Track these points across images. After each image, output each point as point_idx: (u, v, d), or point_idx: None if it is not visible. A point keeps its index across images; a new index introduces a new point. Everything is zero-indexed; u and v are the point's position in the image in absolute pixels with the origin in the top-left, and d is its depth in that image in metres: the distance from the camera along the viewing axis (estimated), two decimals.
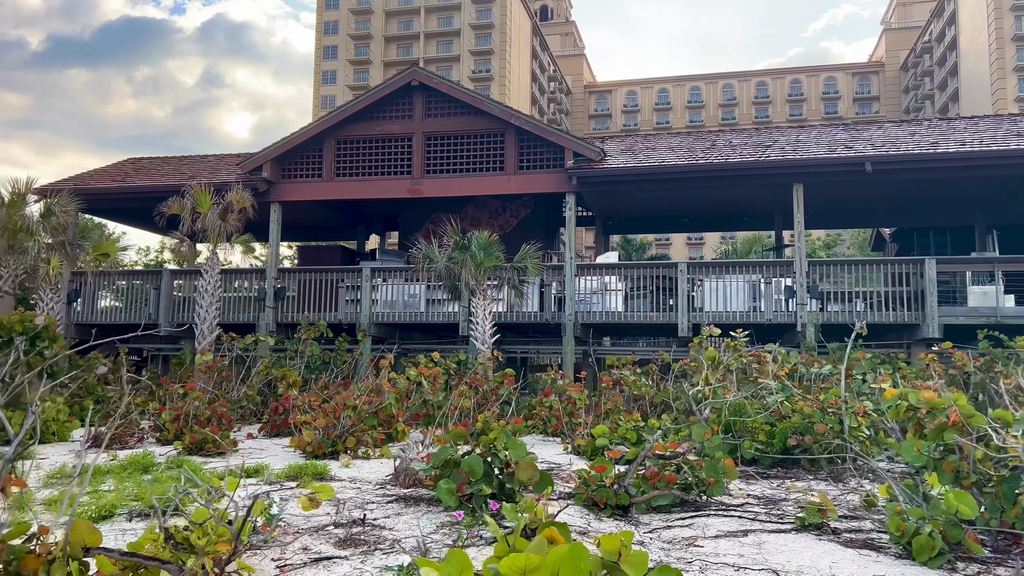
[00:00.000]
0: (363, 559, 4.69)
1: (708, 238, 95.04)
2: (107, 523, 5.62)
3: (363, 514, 5.73)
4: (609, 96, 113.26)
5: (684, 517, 5.76)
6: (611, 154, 17.77)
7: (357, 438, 9.29)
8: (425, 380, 10.90)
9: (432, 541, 5.07)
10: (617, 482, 6.04)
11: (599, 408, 10.52)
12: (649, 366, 12.77)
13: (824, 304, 16.17)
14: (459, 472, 6.02)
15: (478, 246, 14.75)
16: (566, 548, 3.18)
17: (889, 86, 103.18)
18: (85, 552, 3.73)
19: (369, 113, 18.58)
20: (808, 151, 16.38)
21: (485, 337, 14.73)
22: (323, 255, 22.54)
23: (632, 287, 17.20)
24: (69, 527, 3.62)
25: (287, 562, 4.69)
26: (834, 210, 19.89)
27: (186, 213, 15.67)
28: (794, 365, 11.37)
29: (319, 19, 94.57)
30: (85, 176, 20.69)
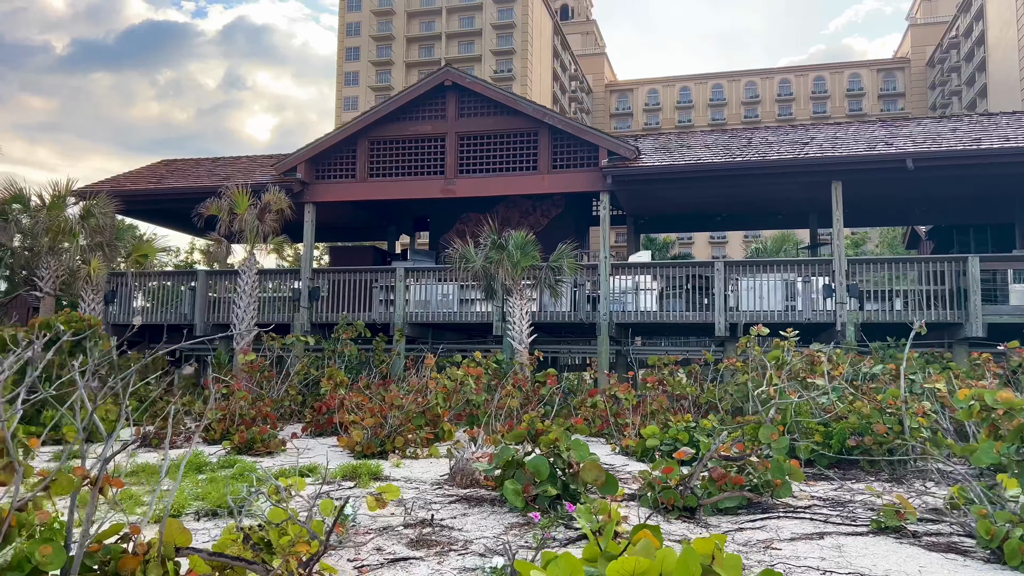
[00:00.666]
0: (439, 560, 4.66)
1: (731, 237, 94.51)
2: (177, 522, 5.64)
3: (430, 514, 5.71)
4: (630, 95, 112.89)
5: (753, 519, 5.69)
6: (645, 152, 17.66)
7: (405, 438, 9.28)
8: (472, 380, 10.88)
9: (504, 542, 5.03)
10: (682, 483, 5.98)
11: (642, 408, 10.44)
12: (691, 366, 12.66)
13: (862, 303, 15.98)
14: (523, 473, 5.99)
15: (515, 245, 14.71)
16: (679, 552, 3.13)
17: (915, 82, 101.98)
18: (176, 552, 3.74)
19: (402, 114, 18.61)
20: (847, 148, 16.18)
21: (522, 337, 14.69)
22: (355, 255, 22.61)
23: (666, 286, 17.10)
24: (163, 527, 3.62)
25: (363, 562, 4.68)
26: (870, 208, 19.64)
27: (223, 214, 15.78)
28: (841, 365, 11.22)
29: (341, 21, 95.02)
30: (120, 178, 20.90)
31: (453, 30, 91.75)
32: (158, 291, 19.66)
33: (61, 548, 3.39)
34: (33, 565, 3.30)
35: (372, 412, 9.73)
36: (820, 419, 8.12)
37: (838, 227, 16.00)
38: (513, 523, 5.55)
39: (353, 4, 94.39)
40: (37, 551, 3.28)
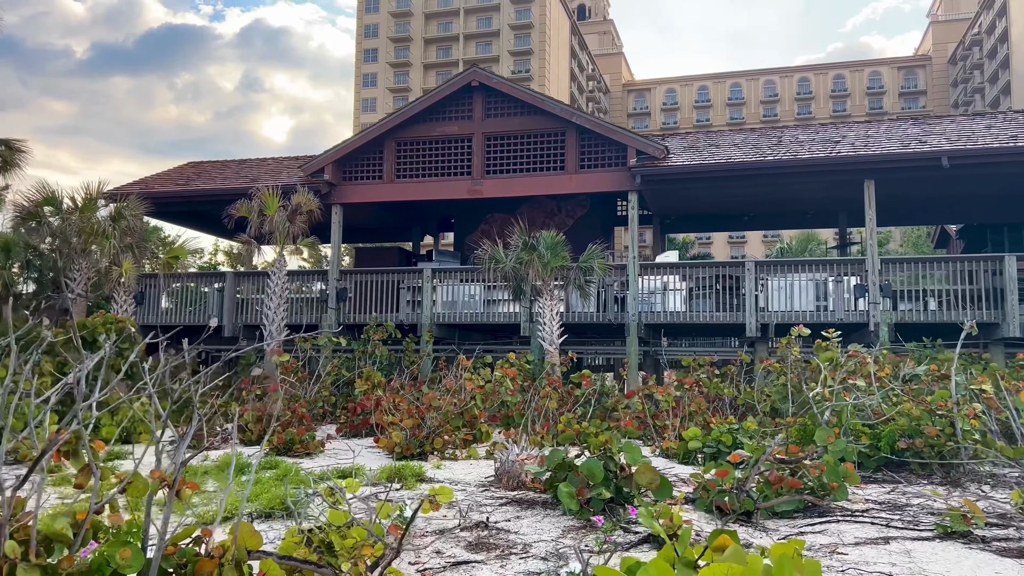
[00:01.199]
0: (501, 564, 4.62)
1: (750, 237, 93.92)
2: (229, 524, 5.63)
3: (485, 517, 5.67)
4: (648, 94, 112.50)
5: (812, 523, 5.60)
6: (674, 151, 17.55)
7: (444, 439, 9.25)
8: (510, 381, 10.83)
9: (563, 546, 4.98)
10: (736, 487, 5.90)
11: (681, 410, 10.34)
12: (728, 367, 12.54)
13: (895, 303, 15.79)
14: (575, 475, 5.93)
15: (545, 246, 14.66)
16: (776, 558, 3.06)
17: (937, 80, 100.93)
18: (247, 555, 3.71)
19: (428, 115, 18.59)
20: (880, 146, 15.99)
21: (553, 338, 14.63)
22: (380, 256, 22.63)
23: (694, 287, 16.98)
24: (237, 530, 3.60)
25: (425, 565, 4.64)
26: (901, 207, 19.42)
27: (253, 215, 15.80)
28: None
29: (359, 23, 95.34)
30: (148, 180, 21.03)
31: (471, 31, 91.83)
32: (182, 292, 19.76)
33: (139, 551, 3.37)
34: (113, 568, 3.29)
35: (410, 413, 9.70)
36: (866, 421, 8.01)
37: (871, 226, 15.81)
38: (569, 526, 5.50)
39: (371, 6, 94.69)
40: (117, 554, 3.27)
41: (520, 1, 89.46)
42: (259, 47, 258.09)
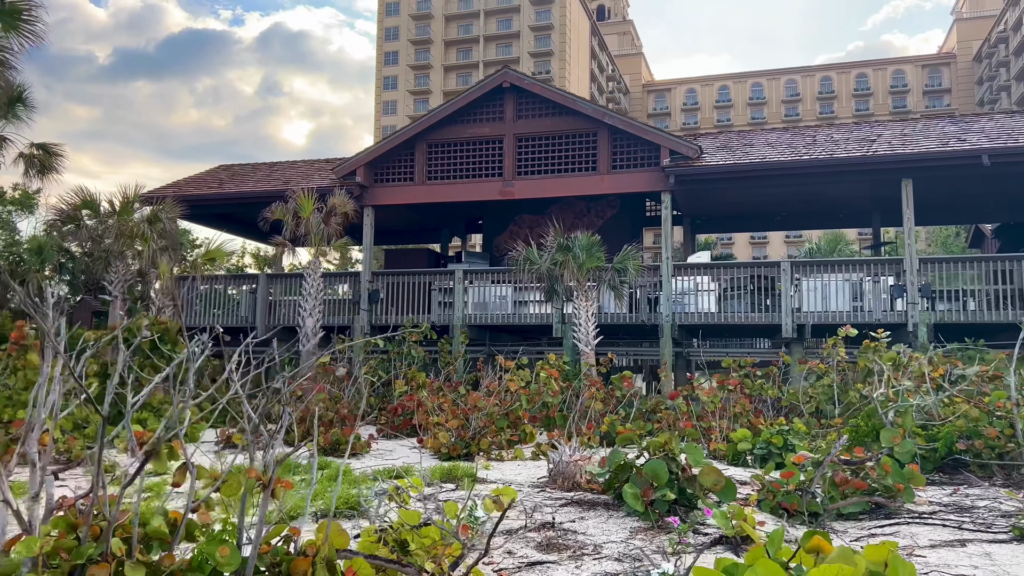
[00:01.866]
0: (576, 564, 4.60)
1: (772, 237, 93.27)
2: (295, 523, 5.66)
3: (552, 518, 5.66)
4: (668, 95, 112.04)
5: (881, 525, 5.54)
6: (707, 151, 17.46)
7: (490, 440, 9.25)
8: (554, 381, 10.82)
9: (634, 547, 4.96)
10: (801, 488, 5.85)
11: (726, 411, 10.27)
12: (770, 368, 12.45)
13: (932, 303, 15.61)
14: (638, 476, 5.90)
15: (580, 247, 14.63)
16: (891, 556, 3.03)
17: (962, 78, 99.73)
18: (336, 553, 3.73)
19: (460, 116, 18.63)
20: (918, 145, 15.82)
21: (589, 339, 14.59)
22: (409, 258, 22.69)
23: (728, 287, 16.88)
24: (328, 529, 3.62)
25: (499, 566, 4.64)
26: (937, 206, 19.20)
27: (288, 217, 15.90)
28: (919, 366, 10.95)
29: (380, 26, 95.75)
30: (181, 183, 21.23)
31: (491, 32, 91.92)
32: (210, 293, 19.89)
33: (235, 549, 3.39)
34: (212, 566, 3.31)
35: (454, 414, 9.71)
36: (922, 422, 7.91)
37: (909, 226, 15.66)
38: (636, 528, 5.48)
39: (391, 9, 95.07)
40: (217, 552, 3.29)
41: (540, 2, 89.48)
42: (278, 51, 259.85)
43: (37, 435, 3.28)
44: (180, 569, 3.28)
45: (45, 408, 3.34)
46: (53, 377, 3.43)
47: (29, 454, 3.25)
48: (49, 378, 3.40)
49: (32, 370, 10.36)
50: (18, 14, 10.98)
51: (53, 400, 3.45)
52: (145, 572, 3.13)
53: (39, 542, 2.91)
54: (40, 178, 18.80)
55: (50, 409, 3.41)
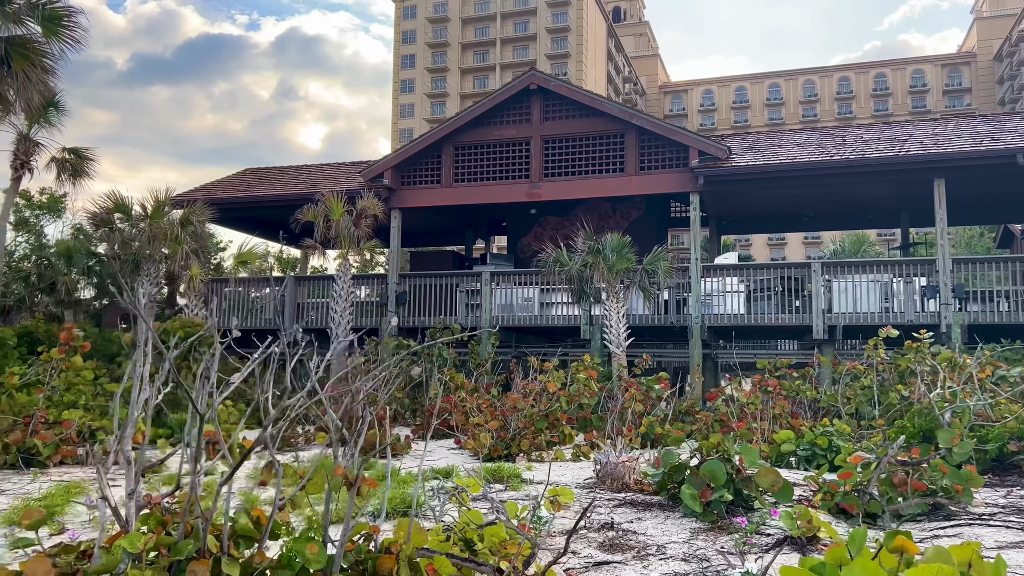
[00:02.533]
0: (643, 564, 4.61)
1: (790, 239, 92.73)
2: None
3: (610, 518, 5.67)
4: (684, 96, 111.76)
5: (942, 526, 5.50)
6: (735, 151, 17.41)
7: (530, 441, 9.27)
8: (593, 383, 10.83)
9: (697, 548, 4.96)
10: (857, 489, 5.82)
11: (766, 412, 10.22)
12: (806, 369, 12.39)
13: (963, 304, 15.49)
14: (694, 478, 5.90)
15: (611, 249, 14.63)
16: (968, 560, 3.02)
17: (982, 77, 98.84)
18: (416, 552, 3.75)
19: (486, 119, 18.67)
20: (950, 144, 15.70)
21: (620, 340, 14.58)
22: (434, 260, 22.77)
23: (756, 288, 16.81)
24: (411, 528, 3.65)
25: (566, 565, 4.65)
26: (968, 206, 19.02)
27: (319, 220, 16.01)
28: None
29: (397, 29, 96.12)
30: (209, 187, 21.40)
31: (508, 35, 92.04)
32: (233, 295, 20.01)
33: (323, 547, 3.42)
34: (300, 564, 3.34)
35: (493, 415, 9.74)
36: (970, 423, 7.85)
37: (941, 226, 15.55)
38: (695, 528, 5.47)
39: (408, 12, 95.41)
40: (306, 549, 3.32)
41: (557, 5, 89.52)
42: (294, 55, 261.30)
43: (131, 434, 3.33)
44: (271, 566, 3.31)
45: (137, 407, 3.39)
46: (145, 377, 3.48)
47: (124, 452, 3.29)
48: (140, 378, 3.45)
49: (74, 372, 10.48)
50: (58, 20, 11.13)
51: (147, 399, 3.50)
52: (240, 569, 3.17)
53: (143, 539, 2.95)
54: (72, 182, 19.02)
55: (141, 409, 3.46)
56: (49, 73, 11.53)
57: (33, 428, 8.20)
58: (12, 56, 10.47)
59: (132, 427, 3.34)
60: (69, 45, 11.43)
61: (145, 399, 3.47)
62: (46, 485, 7.17)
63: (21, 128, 18.35)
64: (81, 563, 3.11)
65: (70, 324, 10.44)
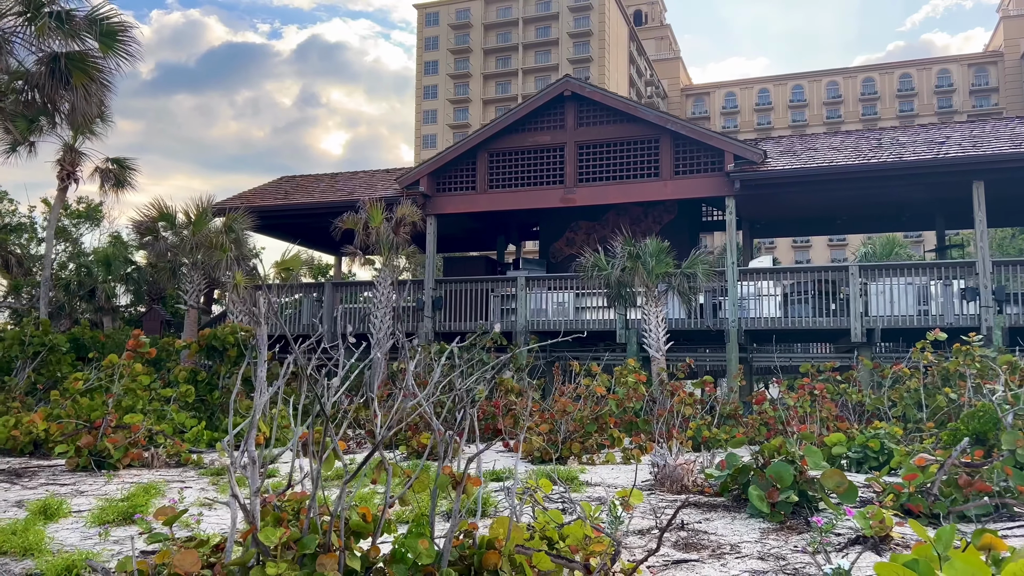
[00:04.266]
0: (721, 563, 4.74)
1: (815, 242, 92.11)
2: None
3: (679, 519, 5.80)
4: (707, 98, 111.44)
5: (1009, 527, 5.58)
6: (770, 155, 17.46)
7: (582, 444, 9.41)
8: (642, 386, 10.96)
9: (770, 547, 5.08)
10: (920, 490, 5.91)
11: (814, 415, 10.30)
12: (850, 372, 12.44)
13: (1002, 306, 15.42)
14: (759, 479, 6.02)
15: (650, 253, 14.74)
16: None
17: (1009, 77, 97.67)
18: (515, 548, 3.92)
19: (520, 125, 18.86)
20: (989, 146, 15.66)
21: (659, 344, 14.69)
22: (468, 265, 23.00)
23: (791, 292, 16.83)
24: (511, 526, 3.81)
25: (649, 564, 4.79)
26: (1007, 208, 18.91)
27: (359, 227, 16.27)
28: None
29: (419, 36, 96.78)
30: (248, 195, 21.76)
31: (530, 40, 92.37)
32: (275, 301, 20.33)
33: (432, 542, 3.59)
34: (412, 558, 3.51)
35: (543, 419, 9.89)
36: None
37: (981, 228, 15.50)
38: (765, 528, 5.59)
39: (431, 19, 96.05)
40: (418, 544, 3.49)
41: (578, 9, 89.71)
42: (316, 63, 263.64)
43: (255, 433, 3.52)
44: (385, 560, 3.49)
45: (259, 410, 3.58)
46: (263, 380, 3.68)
47: (249, 452, 3.49)
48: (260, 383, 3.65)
49: (131, 378, 10.76)
50: (114, 35, 11.47)
51: (264, 402, 3.69)
52: (360, 562, 3.35)
53: (278, 533, 3.14)
54: (116, 191, 19.47)
55: (262, 411, 3.65)
56: (107, 88, 11.88)
57: (103, 432, 8.46)
58: (72, 71, 10.83)
59: (255, 429, 3.53)
60: (124, 59, 11.77)
61: (264, 402, 3.67)
62: (120, 487, 7.42)
63: (67, 139, 18.86)
64: (216, 556, 3.30)
65: (138, 331, 10.71)
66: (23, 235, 30.88)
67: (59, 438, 9.09)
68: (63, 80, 10.90)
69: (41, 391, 13.66)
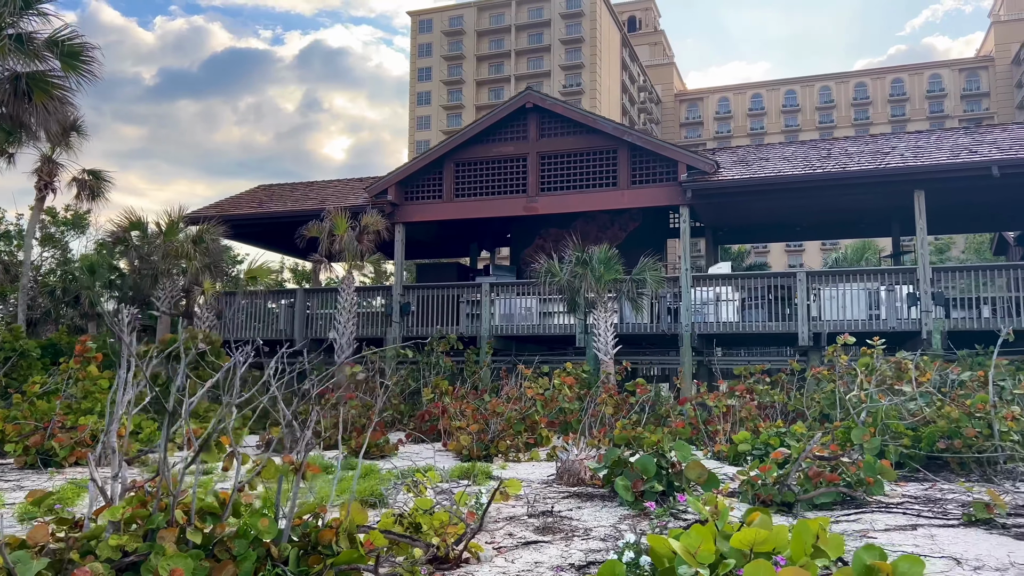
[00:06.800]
0: (566, 544, 5.30)
1: (808, 246, 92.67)
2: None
3: (550, 506, 6.36)
4: (700, 104, 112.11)
5: (848, 513, 6.13)
6: (724, 165, 18.03)
7: (508, 442, 9.96)
8: (568, 388, 11.51)
9: (619, 531, 5.64)
10: (779, 482, 6.47)
11: (731, 416, 10.85)
12: (778, 375, 12.99)
13: (948, 311, 15.96)
14: (630, 471, 6.58)
15: (598, 260, 15.29)
16: (796, 523, 3.69)
17: (1000, 81, 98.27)
18: (357, 528, 4.47)
19: (485, 136, 19.44)
20: (929, 157, 16.23)
21: (607, 348, 15.23)
22: (439, 272, 23.54)
23: (747, 297, 17.39)
24: (350, 506, 4.37)
25: (499, 544, 5.35)
26: (955, 215, 19.49)
27: (324, 235, 16.84)
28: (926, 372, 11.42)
29: (413, 42, 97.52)
30: (223, 203, 22.34)
31: (522, 47, 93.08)
32: (250, 307, 20.86)
33: (274, 521, 4.16)
34: (254, 535, 4.07)
35: (475, 419, 10.45)
36: (908, 424, 8.45)
37: (921, 236, 16.05)
38: (625, 515, 6.15)
39: (424, 26, 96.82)
40: (258, 523, 4.05)
41: (571, 16, 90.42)
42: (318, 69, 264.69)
43: (116, 428, 4.08)
44: (229, 536, 4.05)
45: (122, 406, 4.14)
46: (128, 382, 4.24)
47: (109, 443, 4.04)
48: (125, 383, 4.21)
49: (90, 381, 11.33)
50: (77, 55, 12.07)
51: (129, 400, 4.25)
52: (202, 538, 3.91)
53: (120, 510, 3.70)
54: (91, 201, 20.06)
55: (125, 408, 4.21)
56: (66, 104, 12.47)
57: (51, 432, 9.02)
58: (32, 90, 11.42)
59: (117, 423, 4.09)
60: (86, 78, 12.37)
61: (128, 399, 4.22)
62: (61, 482, 7.98)
63: (45, 151, 19.45)
64: (73, 531, 3.86)
65: (85, 336, 11.29)
66: (11, 242, 31.47)
67: (15, 438, 9.64)
68: (26, 98, 11.50)
69: (12, 395, 14.22)
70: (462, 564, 4.84)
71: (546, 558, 4.94)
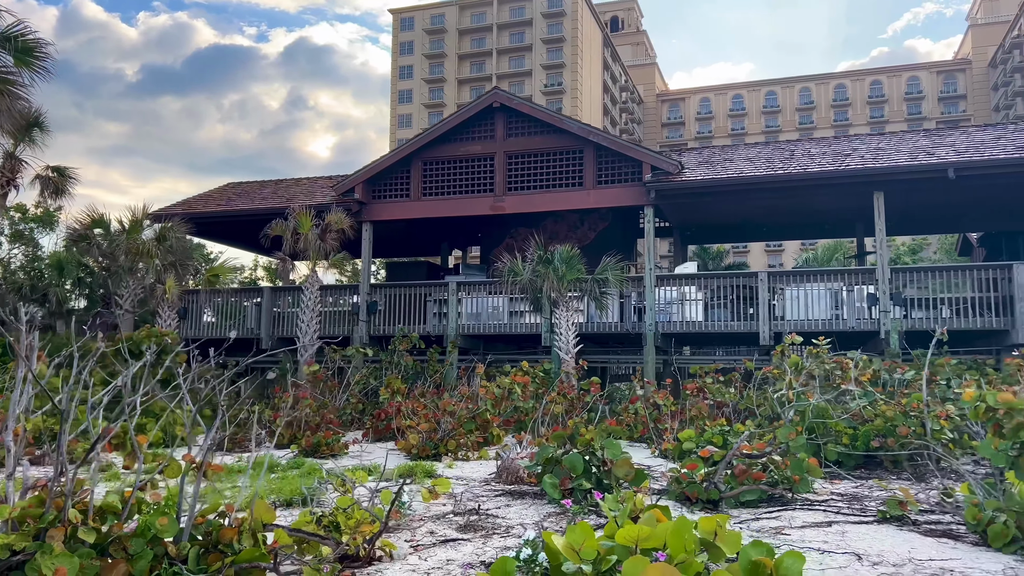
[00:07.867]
0: (484, 541, 5.34)
1: (788, 245, 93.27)
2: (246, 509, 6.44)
3: (477, 504, 6.40)
4: (682, 104, 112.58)
5: (771, 511, 6.22)
6: (688, 166, 18.14)
7: (457, 441, 9.99)
8: (519, 387, 11.55)
9: (544, 528, 5.68)
10: (707, 479, 6.54)
11: (683, 414, 10.95)
12: (732, 374, 13.11)
13: (908, 311, 16.16)
14: (561, 469, 6.63)
15: (560, 260, 15.36)
16: (674, 521, 3.75)
17: (977, 84, 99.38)
18: (263, 527, 4.49)
19: (453, 135, 19.45)
20: (888, 159, 16.41)
21: (569, 347, 15.30)
22: (410, 271, 23.54)
23: (711, 297, 17.52)
24: (253, 506, 4.38)
25: (418, 542, 5.38)
26: (918, 216, 19.72)
27: (288, 234, 16.80)
28: (876, 371, 11.56)
29: (395, 40, 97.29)
30: (192, 200, 22.23)
31: (503, 46, 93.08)
32: (223, 306, 20.81)
33: (174, 520, 4.16)
34: (153, 533, 4.08)
35: (426, 418, 10.47)
36: (848, 422, 8.56)
37: (880, 236, 16.24)
38: (550, 512, 6.20)
39: (406, 24, 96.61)
40: (157, 522, 4.06)
41: (552, 16, 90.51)
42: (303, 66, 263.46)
43: (12, 427, 4.08)
44: (127, 535, 4.06)
45: (19, 405, 4.14)
46: (26, 380, 4.23)
47: (5, 442, 4.04)
48: (23, 380, 4.20)
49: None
50: (30, 51, 11.97)
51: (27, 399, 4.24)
52: (96, 536, 3.92)
53: (8, 509, 3.70)
54: (55, 198, 19.85)
55: (24, 407, 4.20)
56: (20, 100, 12.37)
57: None
58: None
59: (13, 422, 4.09)
60: (40, 74, 12.28)
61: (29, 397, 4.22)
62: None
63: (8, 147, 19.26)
64: None
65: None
66: None
67: None
68: None
69: None
70: (374, 562, 4.87)
71: (460, 556, 4.98)
